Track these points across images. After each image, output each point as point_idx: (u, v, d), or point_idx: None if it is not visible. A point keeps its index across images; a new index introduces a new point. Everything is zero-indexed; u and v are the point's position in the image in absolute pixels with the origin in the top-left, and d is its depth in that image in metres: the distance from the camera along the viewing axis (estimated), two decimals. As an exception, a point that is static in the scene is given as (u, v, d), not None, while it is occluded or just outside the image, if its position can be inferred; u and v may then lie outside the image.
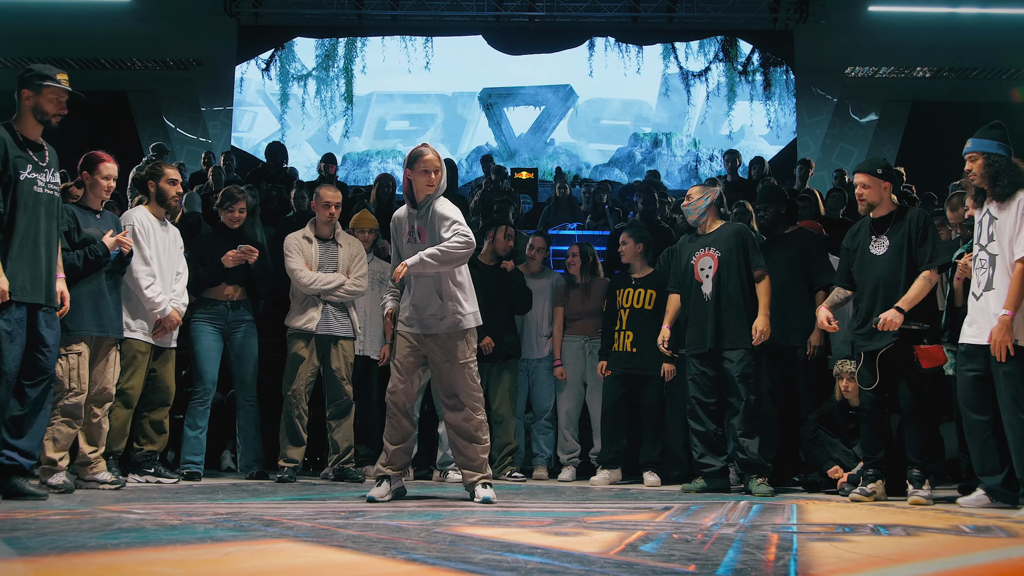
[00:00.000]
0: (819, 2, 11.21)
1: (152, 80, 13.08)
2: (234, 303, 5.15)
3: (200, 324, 5.08)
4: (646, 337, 5.23)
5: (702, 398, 4.78)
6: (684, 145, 12.58)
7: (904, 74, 12.88)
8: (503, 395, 5.56)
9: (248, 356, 5.19)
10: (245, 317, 5.21)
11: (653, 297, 5.33)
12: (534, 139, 12.73)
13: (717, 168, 12.21)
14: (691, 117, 12.66)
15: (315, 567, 2.20)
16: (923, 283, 4.15)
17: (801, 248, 5.05)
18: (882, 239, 4.31)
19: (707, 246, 4.85)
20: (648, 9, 11.82)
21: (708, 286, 4.79)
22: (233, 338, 5.16)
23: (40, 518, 2.93)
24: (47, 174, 3.71)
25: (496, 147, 12.56)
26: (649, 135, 12.70)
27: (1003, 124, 3.94)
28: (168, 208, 4.80)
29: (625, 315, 5.37)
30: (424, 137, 12.69)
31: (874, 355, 4.23)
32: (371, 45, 12.50)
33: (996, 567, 2.50)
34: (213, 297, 5.10)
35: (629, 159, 12.55)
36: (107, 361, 4.31)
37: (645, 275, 5.44)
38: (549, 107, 12.82)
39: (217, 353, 5.12)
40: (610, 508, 3.77)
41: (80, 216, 4.24)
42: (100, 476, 4.28)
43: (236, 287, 5.14)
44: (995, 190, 3.85)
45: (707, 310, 4.77)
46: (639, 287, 5.40)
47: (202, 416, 5.08)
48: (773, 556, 2.38)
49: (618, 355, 5.34)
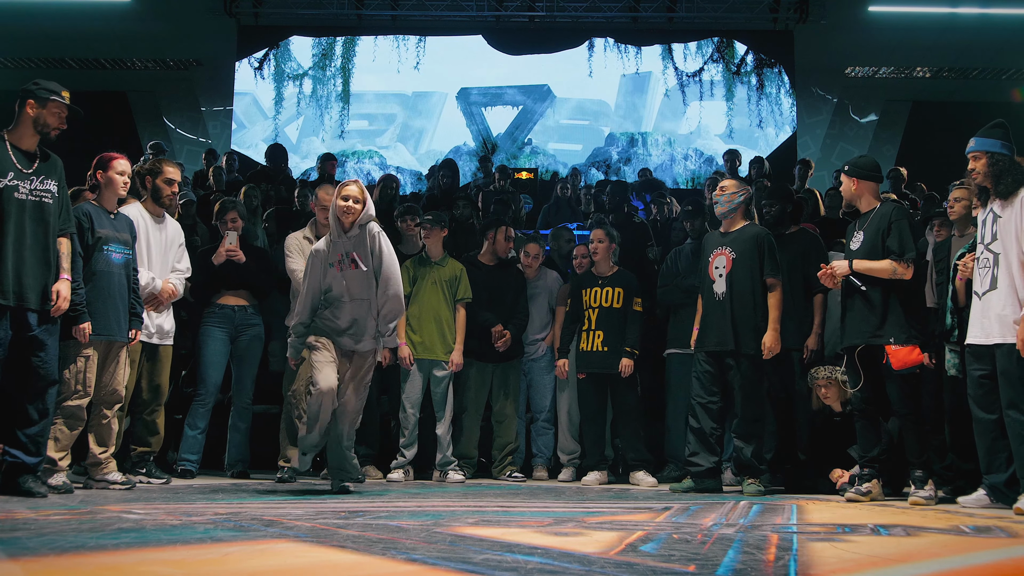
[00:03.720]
0: (819, 2, 11.20)
1: (152, 80, 13.07)
2: (240, 307, 5.24)
3: (209, 328, 5.17)
4: (615, 336, 5.26)
5: (704, 396, 4.78)
6: (660, 144, 12.59)
7: (904, 74, 12.87)
8: (505, 395, 5.57)
9: (250, 361, 5.29)
10: (253, 322, 5.29)
11: (621, 295, 5.34)
12: (512, 139, 12.73)
13: (692, 168, 12.24)
14: (688, 117, 12.67)
15: (315, 567, 2.20)
16: (886, 263, 4.17)
17: (802, 250, 5.05)
18: (859, 235, 4.37)
19: (725, 245, 4.84)
20: (648, 9, 11.82)
21: (720, 285, 4.78)
22: (239, 341, 5.25)
23: (40, 518, 2.93)
24: (33, 181, 3.75)
25: (474, 147, 12.57)
26: (625, 134, 12.70)
27: (1006, 123, 3.94)
28: (163, 206, 4.79)
29: (594, 315, 5.35)
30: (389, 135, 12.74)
31: (852, 352, 4.25)
32: (363, 44, 12.49)
33: (996, 567, 2.50)
34: (222, 302, 5.20)
35: (605, 159, 12.55)
36: (117, 363, 4.32)
37: (612, 274, 5.44)
38: (527, 107, 12.81)
39: (223, 357, 5.21)
40: (610, 508, 3.77)
41: (95, 216, 4.25)
42: (111, 476, 4.29)
43: (238, 294, 5.24)
44: (998, 188, 3.86)
45: (717, 309, 4.77)
46: (607, 286, 5.39)
47: (202, 418, 5.19)
48: (773, 556, 2.38)
49: (589, 355, 5.33)
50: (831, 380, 4.66)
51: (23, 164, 3.74)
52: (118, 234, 4.32)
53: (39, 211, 3.75)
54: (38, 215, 3.75)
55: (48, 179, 3.80)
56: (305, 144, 12.51)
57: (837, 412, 4.73)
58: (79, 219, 4.16)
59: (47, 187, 3.78)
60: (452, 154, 12.29)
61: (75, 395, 4.07)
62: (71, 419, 4.07)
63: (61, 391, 4.01)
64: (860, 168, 4.43)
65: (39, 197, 3.75)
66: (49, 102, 3.78)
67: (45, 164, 3.81)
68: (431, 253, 5.49)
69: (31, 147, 3.79)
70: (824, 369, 4.68)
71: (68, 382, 4.04)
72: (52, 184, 3.81)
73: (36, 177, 3.76)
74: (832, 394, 4.67)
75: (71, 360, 4.06)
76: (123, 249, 4.33)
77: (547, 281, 5.88)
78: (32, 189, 3.74)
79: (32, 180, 3.75)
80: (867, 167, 4.43)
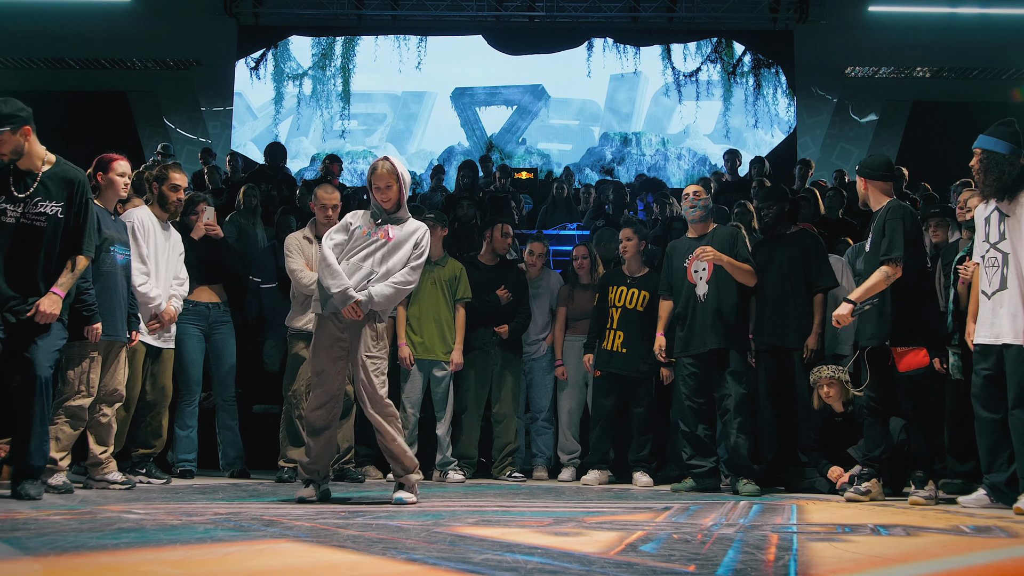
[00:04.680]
0: (819, 2, 11.21)
1: (152, 80, 13.07)
2: (214, 304, 5.29)
3: (183, 326, 5.14)
4: (635, 338, 5.26)
5: (692, 399, 4.83)
6: (653, 144, 12.58)
7: (904, 74, 12.88)
8: (504, 395, 5.56)
9: (225, 356, 5.34)
10: (224, 318, 5.36)
11: (646, 299, 5.33)
12: (506, 139, 12.72)
13: (685, 167, 12.25)
14: (682, 117, 12.67)
15: (315, 567, 2.20)
16: (878, 275, 4.14)
17: (802, 250, 5.04)
18: (870, 236, 4.37)
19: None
20: (648, 9, 11.82)
21: (702, 288, 4.85)
22: (212, 339, 5.29)
23: (40, 518, 2.93)
24: (27, 205, 3.72)
25: (468, 147, 12.57)
26: (618, 134, 12.70)
27: (1011, 120, 3.93)
28: (169, 212, 4.82)
29: (617, 314, 5.36)
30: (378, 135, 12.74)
31: (862, 352, 4.27)
32: (363, 44, 12.48)
33: (996, 567, 2.50)
34: (194, 299, 5.20)
35: (599, 159, 12.55)
36: (117, 363, 4.33)
37: (641, 275, 5.44)
38: (521, 107, 12.81)
39: (200, 354, 5.25)
40: (610, 508, 3.77)
41: (101, 216, 4.23)
42: (111, 476, 4.29)
43: (213, 288, 5.30)
44: (984, 188, 3.87)
45: (701, 312, 4.83)
46: (633, 287, 5.39)
47: (190, 415, 5.23)
48: (773, 556, 2.38)
49: (607, 354, 5.35)
50: (834, 379, 4.66)
51: (19, 187, 3.73)
52: (120, 235, 4.36)
53: (28, 233, 3.71)
54: (27, 237, 3.71)
55: (48, 201, 3.76)
56: (294, 144, 12.49)
57: (838, 412, 4.73)
58: None
59: (42, 210, 3.74)
60: (445, 155, 12.31)
61: (78, 395, 4.07)
62: (73, 419, 4.06)
63: (64, 391, 4.02)
64: (868, 168, 4.42)
65: (31, 220, 3.73)
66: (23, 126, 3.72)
67: (48, 186, 3.76)
68: (431, 253, 5.47)
69: (32, 168, 3.75)
70: (827, 368, 4.68)
71: (72, 382, 4.04)
72: (52, 206, 3.75)
73: (31, 200, 3.73)
74: (835, 393, 4.67)
75: (77, 361, 4.06)
76: (124, 251, 4.37)
77: (549, 281, 5.89)
78: (24, 212, 3.71)
79: (25, 204, 3.72)
80: (874, 167, 4.42)
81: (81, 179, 3.84)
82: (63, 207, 3.77)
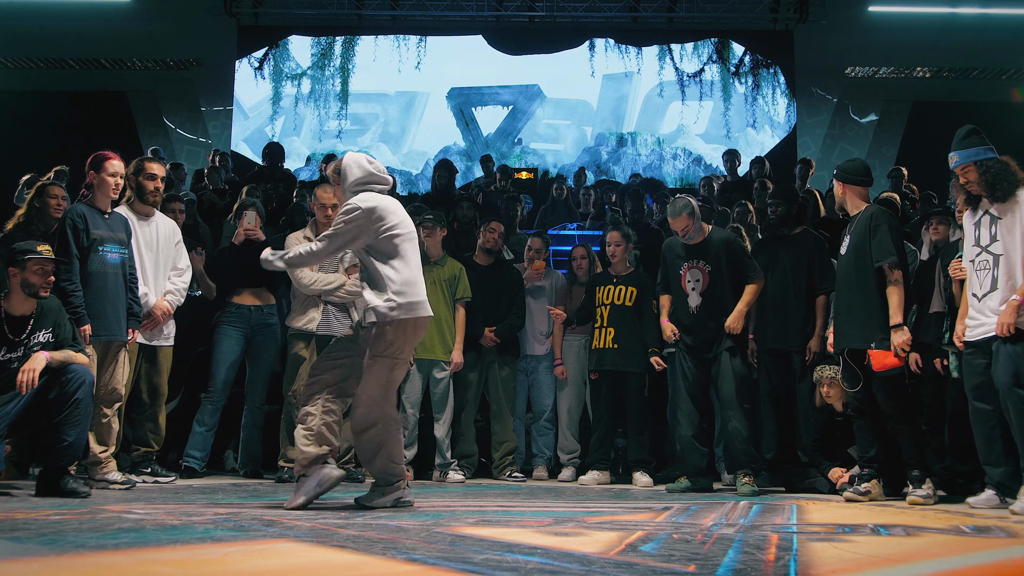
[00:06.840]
0: (819, 2, 11.21)
1: (152, 80, 13.06)
2: (256, 307, 5.29)
3: (224, 327, 5.21)
4: (626, 334, 5.29)
5: (687, 397, 4.85)
6: (648, 144, 12.58)
7: (904, 74, 12.87)
8: (503, 394, 5.56)
9: (265, 360, 5.34)
10: (268, 321, 5.34)
11: (634, 294, 5.36)
12: (502, 139, 12.71)
13: (680, 167, 12.24)
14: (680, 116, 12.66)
15: (315, 567, 2.20)
16: (892, 288, 4.15)
17: (806, 252, 5.03)
18: (847, 239, 4.38)
19: (696, 259, 4.90)
20: (648, 9, 11.82)
21: (695, 299, 4.88)
22: (254, 341, 5.29)
23: (40, 518, 2.93)
24: (22, 349, 3.87)
25: (464, 147, 12.55)
26: (613, 134, 12.70)
27: (975, 126, 3.97)
28: (148, 203, 4.72)
29: (606, 312, 5.39)
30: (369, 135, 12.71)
31: (842, 354, 4.29)
32: (362, 44, 12.47)
33: (996, 567, 2.50)
34: (238, 301, 5.24)
35: (595, 159, 12.54)
36: (116, 363, 4.33)
37: (627, 274, 5.49)
38: (517, 107, 12.80)
39: (236, 356, 5.24)
40: (610, 508, 3.77)
41: (89, 217, 4.24)
42: (111, 476, 4.29)
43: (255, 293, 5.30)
44: (996, 194, 3.86)
45: (691, 322, 4.88)
46: (620, 284, 5.42)
47: (211, 415, 5.23)
48: (773, 556, 2.38)
49: (600, 352, 5.36)
50: (835, 380, 4.67)
51: (15, 332, 3.88)
52: (113, 234, 4.32)
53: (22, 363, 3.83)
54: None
55: (38, 332, 3.91)
56: (286, 144, 12.44)
57: (839, 412, 4.73)
58: (74, 220, 4.17)
59: (33, 343, 3.89)
60: (441, 155, 12.29)
61: None
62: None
63: None
64: (846, 172, 4.47)
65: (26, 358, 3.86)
66: (27, 262, 3.85)
67: (38, 320, 3.92)
68: (431, 253, 5.48)
69: (26, 311, 3.90)
70: (829, 368, 4.68)
71: None
72: (43, 335, 3.92)
73: (29, 339, 3.88)
74: (835, 393, 4.67)
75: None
76: (119, 249, 4.33)
77: (553, 280, 5.89)
78: (18, 357, 3.85)
79: (20, 349, 3.86)
80: (852, 171, 4.45)
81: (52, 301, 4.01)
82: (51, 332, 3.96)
